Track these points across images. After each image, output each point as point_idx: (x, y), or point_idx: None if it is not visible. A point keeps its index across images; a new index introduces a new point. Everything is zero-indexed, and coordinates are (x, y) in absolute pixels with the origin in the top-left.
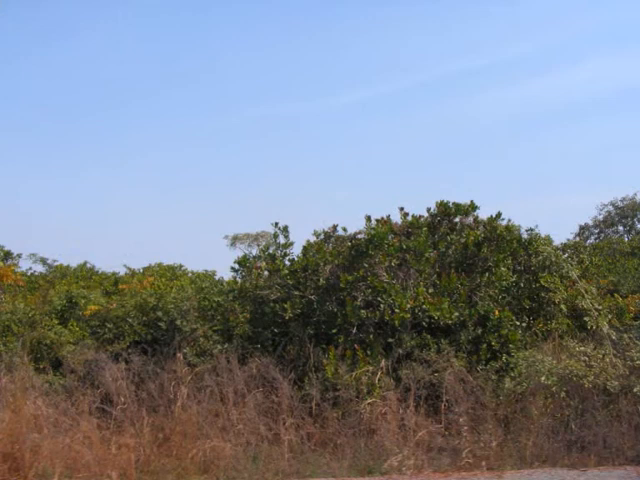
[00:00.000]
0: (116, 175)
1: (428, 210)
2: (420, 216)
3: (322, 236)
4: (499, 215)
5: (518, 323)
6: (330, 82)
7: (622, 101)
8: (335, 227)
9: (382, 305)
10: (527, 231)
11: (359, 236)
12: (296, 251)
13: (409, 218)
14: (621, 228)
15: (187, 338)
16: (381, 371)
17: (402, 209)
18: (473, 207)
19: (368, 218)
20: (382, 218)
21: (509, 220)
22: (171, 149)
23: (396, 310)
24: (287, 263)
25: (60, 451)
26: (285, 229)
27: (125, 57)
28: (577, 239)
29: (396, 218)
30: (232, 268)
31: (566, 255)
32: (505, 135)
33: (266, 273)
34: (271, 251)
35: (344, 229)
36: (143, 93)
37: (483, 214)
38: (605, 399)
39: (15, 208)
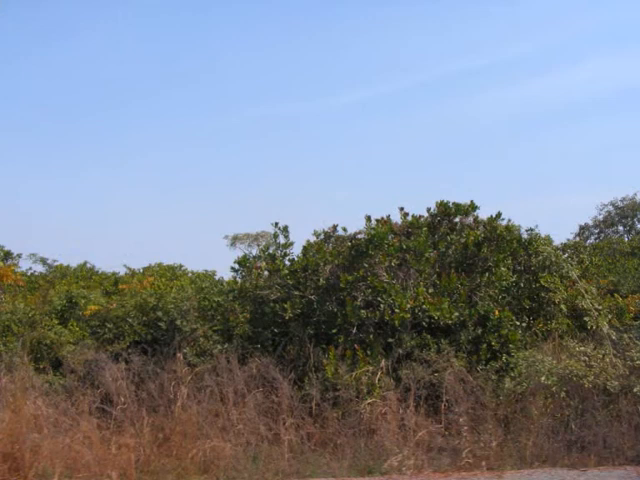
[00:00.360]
0: (116, 175)
1: (428, 210)
2: (420, 216)
3: (322, 236)
4: (499, 215)
5: (518, 323)
6: (330, 82)
7: (622, 101)
8: (335, 227)
9: (382, 305)
10: (527, 231)
11: (359, 236)
12: (296, 251)
13: (409, 218)
14: (621, 228)
15: (187, 338)
16: (381, 371)
17: (402, 209)
18: (473, 207)
19: (368, 218)
20: (382, 218)
21: (509, 220)
22: (171, 149)
23: (396, 310)
24: (287, 263)
25: (60, 451)
26: (285, 229)
27: (125, 57)
28: (577, 239)
29: (396, 218)
30: (232, 268)
31: (566, 255)
32: (505, 135)
33: (266, 273)
34: (271, 251)
35: (344, 229)
36: (143, 93)
37: (483, 214)
38: (605, 399)
39: (15, 208)
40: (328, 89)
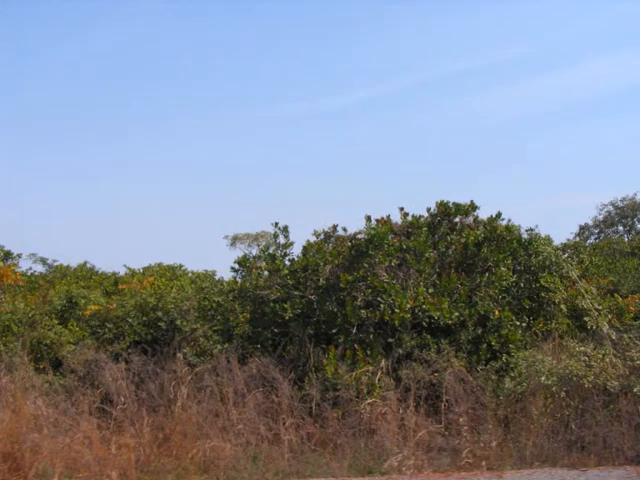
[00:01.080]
0: (117, 175)
1: (428, 210)
2: (420, 216)
3: (322, 236)
4: (499, 215)
5: (518, 323)
6: (330, 82)
7: (622, 101)
8: (335, 227)
9: (382, 305)
10: (527, 231)
11: (359, 236)
12: (296, 251)
13: (409, 218)
14: (621, 228)
15: (187, 338)
16: (381, 371)
17: (402, 209)
18: (473, 207)
19: (368, 218)
20: (382, 218)
21: (509, 220)
22: (171, 149)
23: (396, 310)
24: (287, 263)
25: (60, 451)
26: (285, 229)
27: (124, 57)
28: (577, 239)
29: (396, 218)
30: (232, 268)
31: (566, 255)
32: (505, 135)
33: (266, 273)
34: (271, 251)
35: (344, 229)
36: (143, 93)
37: (483, 214)
38: (605, 399)
39: (15, 208)
40: (328, 89)
